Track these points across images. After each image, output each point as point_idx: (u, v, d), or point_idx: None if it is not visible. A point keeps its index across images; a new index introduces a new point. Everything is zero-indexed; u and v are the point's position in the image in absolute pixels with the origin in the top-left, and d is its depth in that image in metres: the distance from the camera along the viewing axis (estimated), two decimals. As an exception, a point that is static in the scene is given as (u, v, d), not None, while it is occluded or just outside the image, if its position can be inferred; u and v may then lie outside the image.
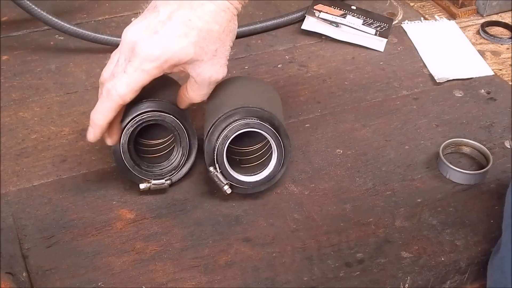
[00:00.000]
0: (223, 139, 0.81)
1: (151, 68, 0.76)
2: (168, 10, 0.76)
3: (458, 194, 0.88)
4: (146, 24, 0.76)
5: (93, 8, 1.24)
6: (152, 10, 0.78)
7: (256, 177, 0.84)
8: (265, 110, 0.82)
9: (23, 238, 0.80)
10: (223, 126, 0.81)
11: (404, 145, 0.96)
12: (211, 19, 0.76)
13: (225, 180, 0.83)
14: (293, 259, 0.79)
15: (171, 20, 0.76)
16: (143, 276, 0.77)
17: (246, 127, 0.81)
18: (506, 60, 1.14)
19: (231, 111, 0.82)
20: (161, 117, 0.83)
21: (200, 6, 0.76)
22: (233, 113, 0.82)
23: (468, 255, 0.80)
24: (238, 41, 1.16)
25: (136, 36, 0.76)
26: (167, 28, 0.75)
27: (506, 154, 0.94)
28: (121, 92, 0.77)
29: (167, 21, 0.76)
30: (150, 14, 0.77)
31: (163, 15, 0.76)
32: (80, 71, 1.09)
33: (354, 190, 0.88)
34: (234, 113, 0.82)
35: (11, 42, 1.15)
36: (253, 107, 0.82)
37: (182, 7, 0.76)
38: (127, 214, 0.84)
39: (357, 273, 0.77)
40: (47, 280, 0.76)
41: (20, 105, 1.01)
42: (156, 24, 0.76)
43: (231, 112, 0.82)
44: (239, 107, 0.82)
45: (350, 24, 1.17)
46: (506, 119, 1.00)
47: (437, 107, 1.03)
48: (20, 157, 0.92)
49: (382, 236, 0.82)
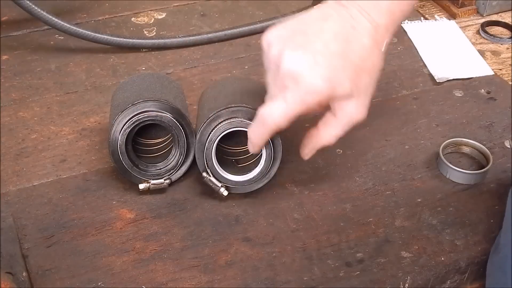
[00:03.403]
0: (209, 143, 0.82)
1: (312, 101, 0.74)
2: (324, 40, 0.72)
3: (458, 194, 0.88)
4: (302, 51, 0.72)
5: (93, 8, 1.24)
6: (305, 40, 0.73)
7: (249, 176, 0.84)
8: (249, 107, 0.82)
9: (23, 238, 0.80)
10: (209, 130, 0.82)
11: (404, 145, 0.96)
12: (366, 55, 0.73)
13: (219, 183, 0.84)
14: (293, 259, 0.79)
15: (329, 50, 0.72)
16: (143, 276, 0.77)
17: (229, 127, 0.82)
18: (506, 60, 1.14)
19: (214, 114, 0.82)
20: (158, 116, 0.83)
21: (356, 41, 0.73)
22: (217, 115, 0.82)
23: (468, 255, 0.80)
24: (238, 41, 1.17)
25: (298, 64, 0.72)
26: (326, 59, 0.72)
27: (506, 154, 0.94)
28: (278, 121, 0.76)
29: (325, 51, 0.72)
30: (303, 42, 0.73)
31: (320, 44, 0.72)
32: (80, 71, 1.09)
33: (354, 190, 0.88)
34: (218, 116, 0.82)
35: (11, 42, 1.15)
36: (236, 106, 0.82)
37: (338, 39, 0.73)
38: (127, 214, 0.84)
39: (357, 273, 0.77)
40: (47, 280, 0.76)
41: (20, 105, 1.01)
42: (314, 51, 0.72)
43: (215, 115, 0.82)
44: (222, 108, 0.82)
45: (350, 24, 1.17)
46: (506, 119, 1.00)
47: (437, 107, 1.03)
48: (20, 157, 0.92)
49: (382, 236, 0.82)
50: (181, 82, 1.03)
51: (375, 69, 0.75)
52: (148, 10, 1.24)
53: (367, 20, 0.73)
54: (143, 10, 1.24)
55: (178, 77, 1.07)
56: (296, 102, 0.74)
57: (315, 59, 0.72)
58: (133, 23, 1.21)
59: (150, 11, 1.24)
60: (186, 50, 1.14)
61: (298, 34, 0.74)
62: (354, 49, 0.73)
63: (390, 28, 0.75)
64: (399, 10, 0.74)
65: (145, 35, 1.18)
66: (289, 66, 0.72)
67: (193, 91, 1.03)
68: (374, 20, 0.73)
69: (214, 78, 1.08)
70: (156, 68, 1.10)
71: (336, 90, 0.73)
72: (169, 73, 1.09)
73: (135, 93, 0.85)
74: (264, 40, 0.76)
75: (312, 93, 0.73)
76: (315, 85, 0.72)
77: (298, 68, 0.72)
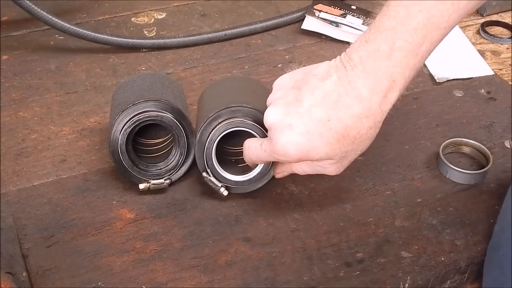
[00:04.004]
0: (209, 143, 0.82)
1: (284, 160, 0.78)
2: (309, 103, 0.73)
3: (458, 194, 0.88)
4: (285, 110, 0.74)
5: (93, 8, 1.24)
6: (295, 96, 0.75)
7: (249, 175, 0.84)
8: (249, 107, 0.82)
9: (23, 238, 0.80)
10: (209, 130, 0.82)
11: (404, 145, 0.96)
12: (351, 123, 0.72)
13: (219, 183, 0.84)
14: (293, 259, 0.79)
15: (309, 115, 0.73)
16: (143, 276, 0.77)
17: (229, 127, 0.82)
18: (506, 60, 1.14)
19: (214, 113, 0.82)
20: (159, 116, 0.83)
21: (344, 108, 0.72)
22: (217, 115, 0.82)
23: (468, 255, 0.80)
24: (238, 41, 1.17)
25: (273, 119, 0.75)
26: (303, 124, 0.73)
27: (506, 154, 0.94)
28: (252, 159, 0.81)
29: (305, 115, 0.73)
30: (292, 99, 0.75)
31: (304, 107, 0.73)
32: (80, 71, 1.09)
33: (354, 190, 0.88)
34: (218, 115, 0.82)
35: (11, 42, 1.15)
36: (236, 106, 0.82)
37: (325, 104, 0.72)
38: (127, 214, 0.84)
39: (357, 273, 0.77)
40: (47, 280, 0.76)
41: (20, 105, 1.01)
42: (294, 114, 0.73)
43: (215, 115, 0.82)
44: (222, 108, 0.82)
45: (350, 24, 1.17)
46: (506, 119, 1.00)
47: (437, 107, 1.03)
48: (20, 157, 0.92)
49: (382, 236, 0.82)
50: (181, 82, 1.03)
51: (362, 138, 0.74)
52: (148, 10, 1.24)
53: (363, 86, 0.71)
54: (143, 10, 1.24)
55: (178, 77, 1.07)
56: (267, 155, 0.77)
57: (292, 123, 0.73)
58: (133, 23, 1.21)
59: (150, 11, 1.24)
60: (186, 50, 1.14)
61: (295, 89, 0.76)
62: (339, 117, 0.72)
63: (390, 95, 0.72)
64: (402, 77, 0.72)
65: (145, 35, 1.18)
66: (267, 121, 0.76)
67: (193, 91, 1.03)
68: (372, 86, 0.71)
69: (214, 78, 1.08)
70: (156, 68, 1.10)
71: (308, 156, 0.75)
72: (169, 73, 1.09)
73: (136, 93, 0.85)
74: (274, 82, 0.80)
75: (281, 155, 0.76)
76: (284, 149, 0.74)
77: (274, 127, 0.75)
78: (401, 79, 0.72)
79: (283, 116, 0.74)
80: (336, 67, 0.73)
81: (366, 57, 0.71)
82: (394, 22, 0.70)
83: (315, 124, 0.73)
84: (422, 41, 0.71)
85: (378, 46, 0.71)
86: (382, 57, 0.71)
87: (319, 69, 0.75)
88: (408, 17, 0.70)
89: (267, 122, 0.76)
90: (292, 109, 0.74)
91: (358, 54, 0.72)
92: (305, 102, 0.73)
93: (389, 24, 0.71)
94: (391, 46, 0.70)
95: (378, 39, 0.71)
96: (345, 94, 0.72)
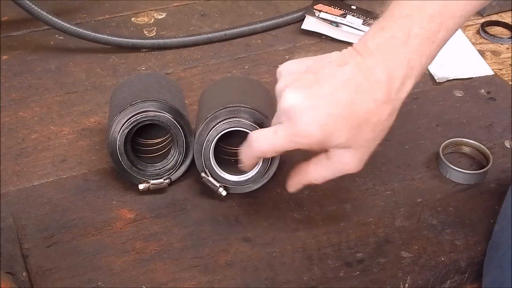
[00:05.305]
0: (207, 143, 0.82)
1: (302, 144, 0.72)
2: (332, 86, 0.70)
3: (458, 194, 0.88)
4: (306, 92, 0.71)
5: (93, 8, 1.24)
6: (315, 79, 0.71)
7: (247, 176, 0.84)
8: (248, 107, 0.82)
9: (23, 238, 0.80)
10: (207, 130, 0.82)
11: (404, 145, 0.96)
12: (373, 108, 0.70)
13: (217, 183, 0.84)
14: (293, 259, 0.79)
15: (334, 97, 0.70)
16: (143, 276, 0.77)
17: (227, 127, 0.82)
18: (506, 60, 1.14)
19: (213, 114, 0.82)
20: (157, 116, 0.83)
21: (366, 93, 0.70)
22: (216, 115, 0.82)
23: (468, 255, 0.80)
24: (238, 41, 1.17)
25: (295, 105, 0.71)
26: (328, 105, 0.70)
27: (506, 154, 0.94)
28: (263, 150, 0.75)
29: (328, 97, 0.70)
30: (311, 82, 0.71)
31: (326, 89, 0.70)
32: (80, 71, 1.09)
33: (354, 190, 0.88)
34: (217, 115, 0.82)
35: (11, 42, 1.15)
36: (234, 106, 0.82)
37: (347, 87, 0.70)
38: (127, 214, 0.84)
39: (357, 273, 0.77)
40: (47, 280, 0.76)
41: (20, 105, 1.01)
42: (316, 96, 0.71)
43: (213, 115, 0.82)
44: (220, 108, 0.82)
45: (350, 24, 1.17)
46: (506, 119, 1.00)
47: (437, 107, 1.03)
48: (20, 157, 0.92)
49: (382, 236, 0.82)
50: (181, 82, 1.03)
51: (382, 125, 0.72)
52: (148, 10, 1.24)
53: (382, 72, 0.70)
54: (143, 10, 1.24)
55: (178, 77, 1.07)
56: (285, 140, 0.73)
57: (316, 104, 0.70)
58: (133, 23, 1.21)
59: (150, 11, 1.24)
60: (186, 50, 1.14)
61: (311, 73, 0.73)
62: (362, 101, 0.70)
63: (407, 82, 0.71)
64: (418, 64, 0.71)
65: (145, 35, 1.18)
66: (286, 104, 0.71)
67: (193, 91, 1.03)
68: (390, 72, 0.70)
69: (214, 78, 1.08)
70: (156, 68, 1.10)
71: (330, 139, 0.71)
72: (169, 73, 1.09)
73: (133, 94, 0.85)
74: (278, 70, 0.76)
75: (303, 137, 0.71)
76: (308, 130, 0.71)
77: (295, 109, 0.71)
78: (418, 66, 0.71)
79: (305, 98, 0.71)
80: (351, 54, 0.72)
81: (383, 44, 0.70)
82: (410, 10, 0.70)
83: (340, 107, 0.70)
84: (439, 28, 0.70)
85: (394, 33, 0.70)
86: (398, 44, 0.70)
87: (333, 56, 0.73)
88: (424, 4, 0.70)
89: (286, 105, 0.72)
90: (313, 91, 0.71)
91: (374, 41, 0.71)
92: (327, 85, 0.71)
93: (404, 11, 0.70)
94: (407, 33, 0.70)
95: (394, 27, 0.70)
96: (365, 79, 0.70)
